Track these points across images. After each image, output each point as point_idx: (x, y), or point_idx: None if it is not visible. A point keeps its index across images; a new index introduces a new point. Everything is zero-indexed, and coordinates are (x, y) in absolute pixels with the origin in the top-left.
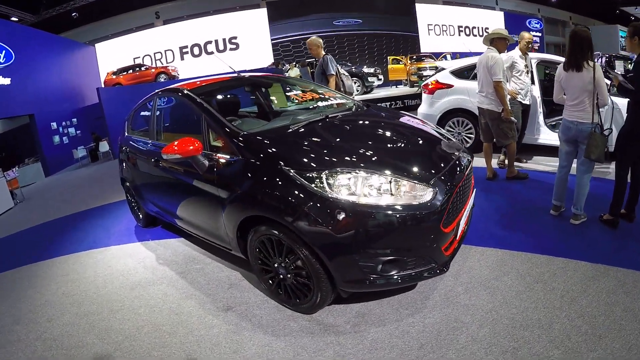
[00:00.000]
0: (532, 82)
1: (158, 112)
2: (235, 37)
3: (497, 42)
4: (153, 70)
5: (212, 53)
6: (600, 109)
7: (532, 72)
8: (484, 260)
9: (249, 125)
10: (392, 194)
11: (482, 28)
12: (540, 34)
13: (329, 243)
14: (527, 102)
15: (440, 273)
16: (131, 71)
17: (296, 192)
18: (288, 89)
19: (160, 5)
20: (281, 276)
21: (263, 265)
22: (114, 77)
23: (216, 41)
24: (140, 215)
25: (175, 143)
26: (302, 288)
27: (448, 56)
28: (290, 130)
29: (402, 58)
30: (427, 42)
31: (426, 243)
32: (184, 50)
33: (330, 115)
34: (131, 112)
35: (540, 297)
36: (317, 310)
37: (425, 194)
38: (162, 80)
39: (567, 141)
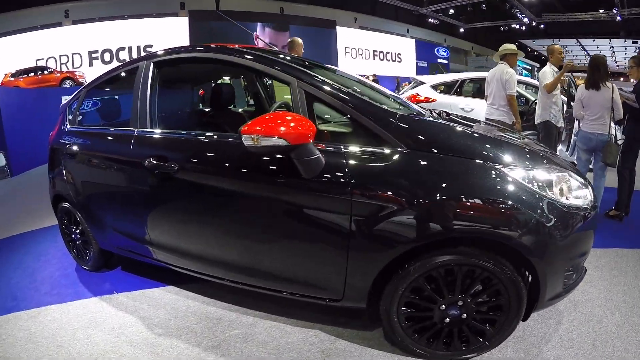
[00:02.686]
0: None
1: (151, 86)
2: (150, 46)
3: (509, 57)
4: (58, 74)
5: (124, 61)
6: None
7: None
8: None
9: None
10: (577, 196)
11: (395, 54)
12: (447, 61)
13: (551, 256)
14: (560, 124)
15: (584, 275)
16: (33, 74)
17: (520, 197)
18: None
19: (71, 4)
20: (447, 320)
21: (416, 312)
22: (12, 79)
23: (130, 48)
24: (89, 253)
25: (273, 120)
26: (481, 326)
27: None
28: (436, 119)
29: None
30: (344, 64)
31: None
32: (94, 55)
33: (440, 112)
34: (78, 95)
35: None
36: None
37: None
38: (68, 86)
39: (587, 150)
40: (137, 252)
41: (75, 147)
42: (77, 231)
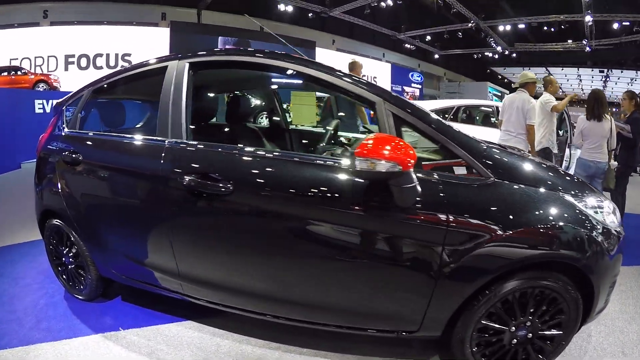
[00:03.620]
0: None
1: (187, 90)
2: (129, 54)
3: (530, 86)
4: (32, 76)
5: (101, 68)
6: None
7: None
8: None
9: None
10: (612, 220)
11: (371, 77)
12: (420, 86)
13: (604, 275)
14: (555, 151)
15: None
16: (5, 73)
17: (584, 222)
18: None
19: (50, 4)
20: (515, 341)
21: (488, 337)
22: None
23: (107, 55)
24: (85, 280)
25: (387, 143)
26: (543, 344)
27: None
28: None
29: None
30: None
31: None
32: (70, 59)
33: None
34: (79, 94)
35: None
36: None
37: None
38: (41, 89)
39: (586, 177)
40: (156, 284)
41: (76, 155)
42: (71, 254)
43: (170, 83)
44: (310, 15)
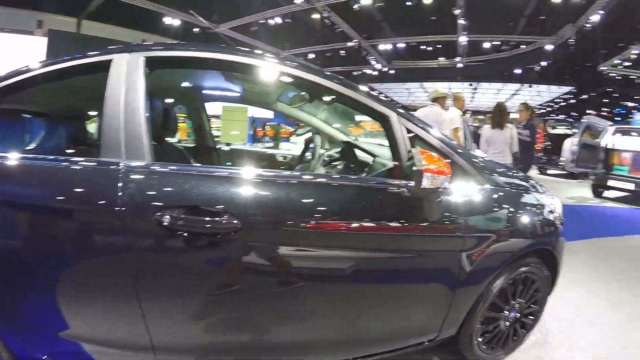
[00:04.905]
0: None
1: (145, 93)
2: None
3: (441, 100)
4: None
5: None
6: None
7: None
8: None
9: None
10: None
11: None
12: None
13: (563, 251)
14: None
15: None
16: None
17: (549, 213)
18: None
19: None
20: (508, 323)
21: (489, 325)
22: None
23: None
24: None
25: (430, 160)
26: (527, 320)
27: None
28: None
29: None
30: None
31: None
32: None
33: None
34: None
35: None
36: None
37: None
38: None
39: None
40: None
41: None
42: None
43: (120, 83)
44: (195, 30)
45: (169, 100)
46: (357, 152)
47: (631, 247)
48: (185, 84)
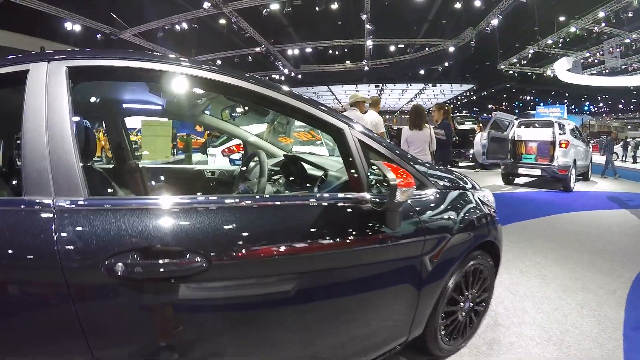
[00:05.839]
0: None
1: (72, 111)
2: None
3: (360, 104)
4: None
5: None
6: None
7: None
8: None
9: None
10: None
11: None
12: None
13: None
14: None
15: None
16: None
17: (488, 208)
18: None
19: None
20: (463, 314)
21: (448, 315)
22: None
23: None
24: None
25: (398, 172)
26: (479, 307)
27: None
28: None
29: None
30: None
31: None
32: None
33: None
34: None
35: None
36: None
37: None
38: None
39: None
40: None
41: None
42: None
43: (40, 100)
44: (98, 36)
45: (86, 116)
46: (304, 165)
47: (551, 227)
48: (103, 97)
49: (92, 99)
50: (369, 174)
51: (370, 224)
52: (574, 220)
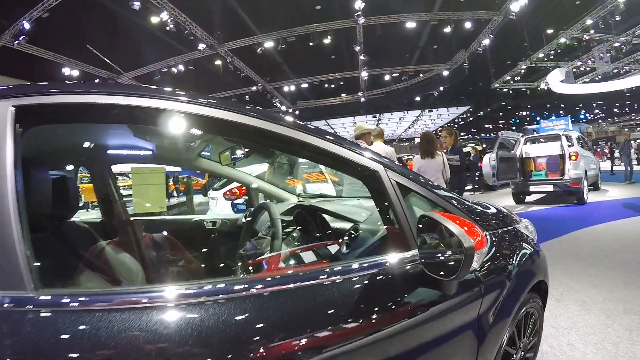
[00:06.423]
0: None
1: (15, 167)
2: None
3: (366, 136)
4: None
5: None
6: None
7: None
8: None
9: None
10: None
11: None
12: None
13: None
14: None
15: None
16: None
17: (534, 244)
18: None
19: None
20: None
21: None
22: None
23: None
24: None
25: (469, 228)
26: (530, 354)
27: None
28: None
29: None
30: None
31: None
32: None
33: None
34: None
35: None
36: None
37: None
38: None
39: None
40: None
41: None
42: None
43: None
44: (96, 81)
45: (60, 165)
46: (325, 216)
47: (575, 246)
48: (76, 142)
49: (62, 145)
50: (418, 227)
51: (419, 291)
52: (596, 234)
